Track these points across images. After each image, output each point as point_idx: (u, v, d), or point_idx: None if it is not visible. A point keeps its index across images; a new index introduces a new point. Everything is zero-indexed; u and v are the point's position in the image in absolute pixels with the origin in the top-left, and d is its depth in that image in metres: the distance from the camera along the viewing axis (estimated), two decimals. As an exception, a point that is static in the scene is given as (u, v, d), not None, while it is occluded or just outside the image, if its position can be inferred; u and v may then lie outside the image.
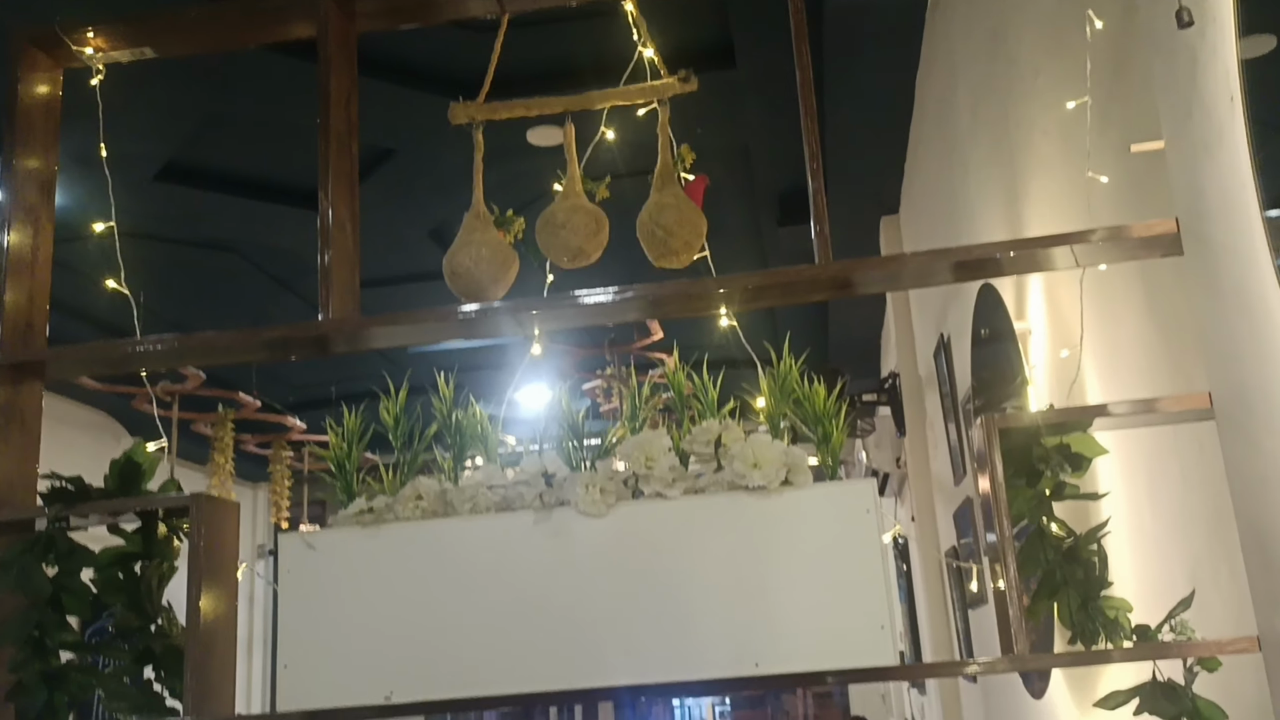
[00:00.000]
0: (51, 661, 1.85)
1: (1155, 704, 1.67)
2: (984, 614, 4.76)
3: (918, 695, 7.57)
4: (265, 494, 9.85)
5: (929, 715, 6.86)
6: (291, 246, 5.97)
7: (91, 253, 2.51)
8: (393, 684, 1.70)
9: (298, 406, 7.85)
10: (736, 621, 1.66)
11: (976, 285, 3.74)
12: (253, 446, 7.60)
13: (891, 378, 6.54)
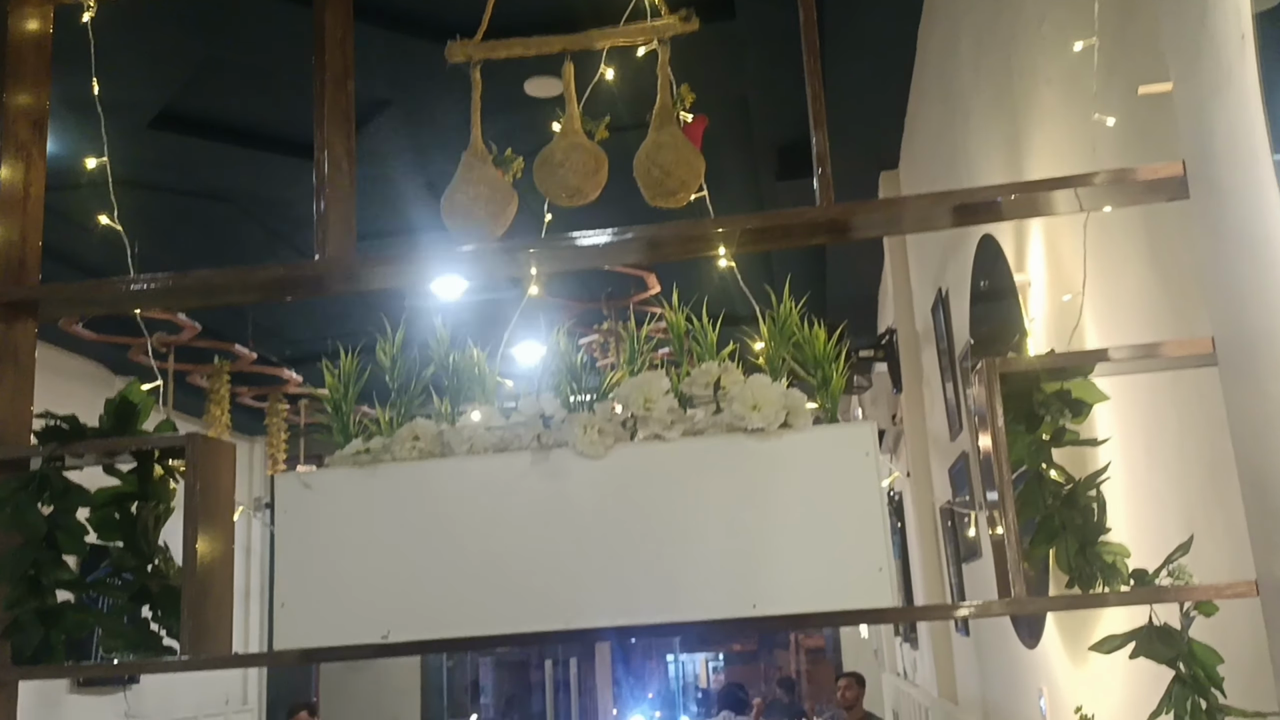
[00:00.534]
0: (47, 600, 1.84)
1: (1151, 648, 1.67)
2: (978, 568, 4.78)
3: (910, 650, 7.63)
4: (261, 447, 9.85)
5: (922, 669, 6.92)
6: (289, 198, 5.93)
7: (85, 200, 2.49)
8: (390, 623, 1.70)
9: (294, 360, 7.83)
10: (734, 563, 1.65)
11: (976, 237, 3.72)
12: (249, 399, 7.59)
13: (888, 334, 6.54)
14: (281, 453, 7.51)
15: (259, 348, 6.91)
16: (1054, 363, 1.74)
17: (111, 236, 2.17)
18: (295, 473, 1.77)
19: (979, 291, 3.86)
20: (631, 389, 1.73)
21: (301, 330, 8.18)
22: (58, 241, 5.84)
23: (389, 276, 1.98)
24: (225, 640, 1.87)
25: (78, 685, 7.12)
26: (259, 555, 10.10)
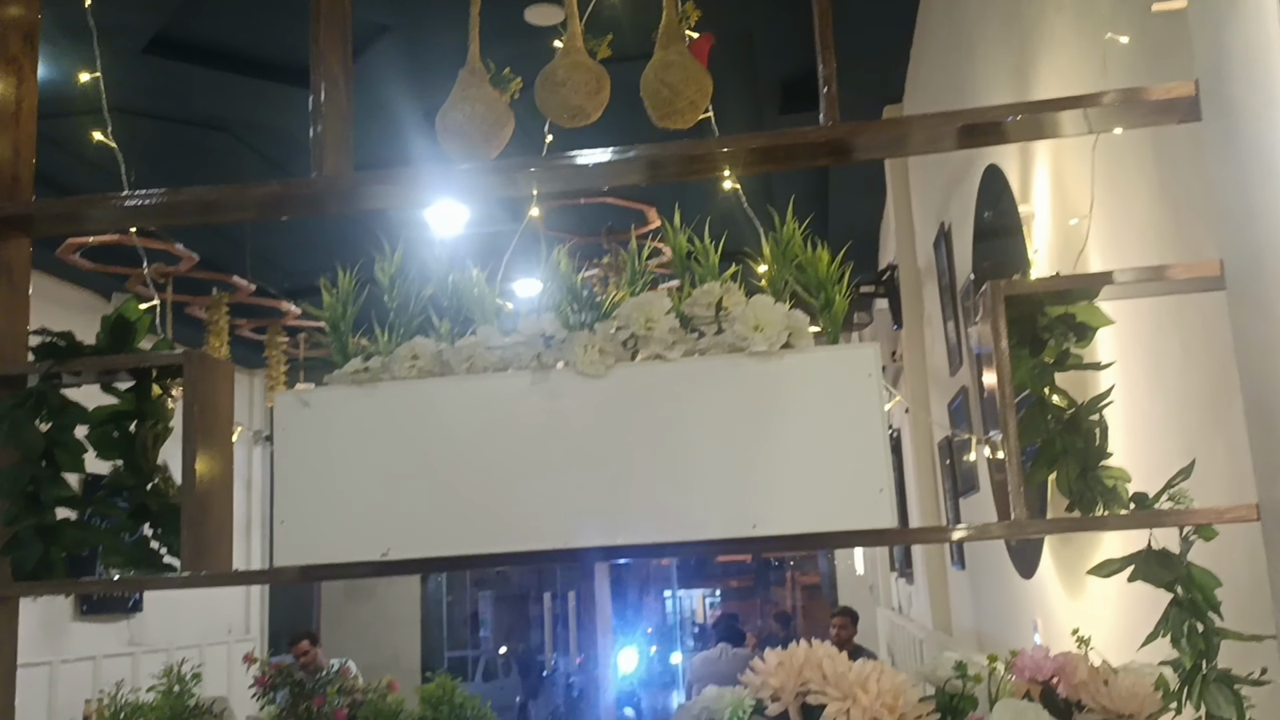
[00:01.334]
0: (47, 517, 1.84)
1: (1149, 571, 1.68)
2: (975, 502, 4.80)
3: (905, 584, 7.70)
4: (261, 380, 9.86)
5: (916, 603, 6.99)
6: (286, 126, 5.86)
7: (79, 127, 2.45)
8: (389, 541, 1.70)
9: (293, 293, 7.80)
10: (734, 484, 1.65)
11: (980, 169, 3.69)
12: (248, 331, 7.57)
13: (889, 270, 6.51)
14: (281, 385, 7.51)
15: (257, 280, 6.88)
16: (1059, 285, 1.72)
17: (106, 164, 2.14)
18: (294, 391, 1.76)
19: (982, 224, 3.83)
20: (633, 308, 1.71)
21: (300, 263, 8.14)
22: (52, 170, 5.79)
23: (386, 196, 1.96)
24: (225, 558, 1.87)
25: (81, 613, 7.20)
26: (259, 488, 10.15)
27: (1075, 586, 3.02)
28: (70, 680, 6.89)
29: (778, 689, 1.66)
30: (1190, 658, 1.63)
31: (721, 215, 2.00)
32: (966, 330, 4.63)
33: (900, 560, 7.80)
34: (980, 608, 4.93)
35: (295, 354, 8.05)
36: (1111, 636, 2.51)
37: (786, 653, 1.69)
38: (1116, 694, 1.56)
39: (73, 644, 7.05)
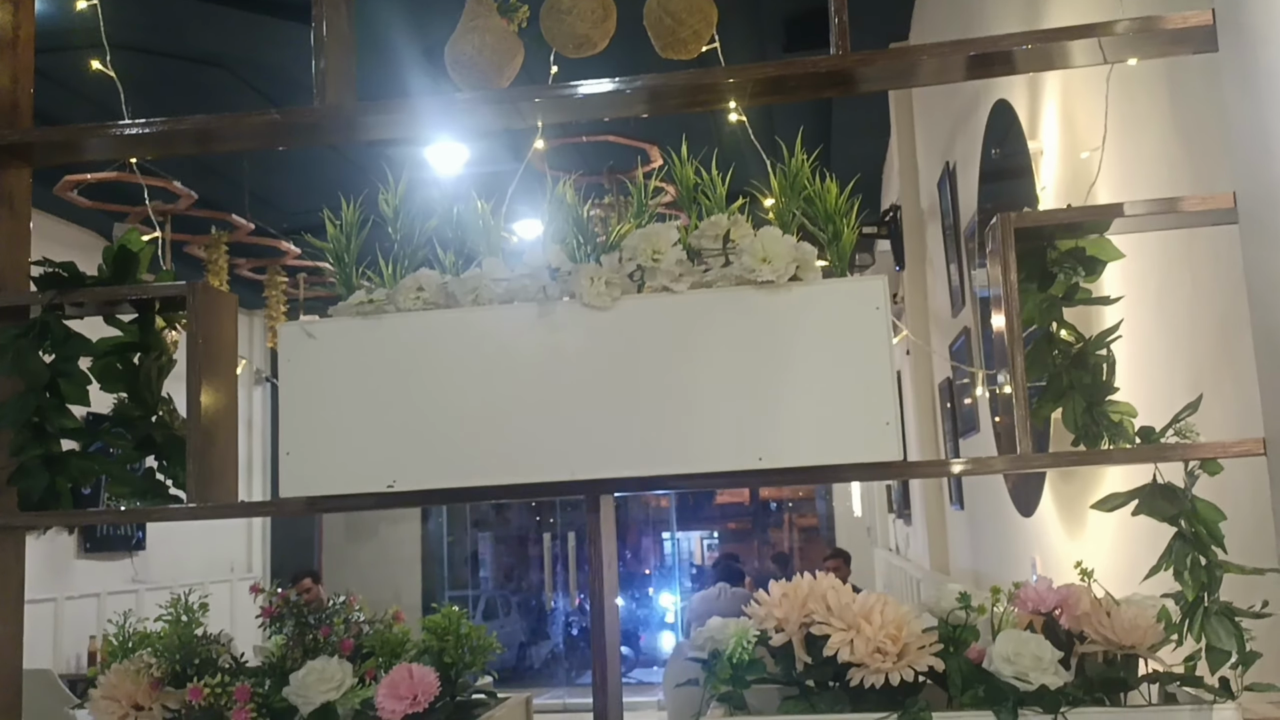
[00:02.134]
0: (52, 447, 1.84)
1: (1153, 505, 1.68)
2: (975, 443, 4.82)
3: (903, 525, 7.75)
4: (261, 321, 9.85)
5: (914, 544, 7.04)
6: (282, 63, 5.79)
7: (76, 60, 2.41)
8: (394, 473, 1.70)
9: (292, 233, 7.76)
10: (740, 416, 1.64)
11: (989, 104, 3.65)
12: (247, 271, 7.55)
13: (892, 211, 6.47)
14: (282, 325, 7.49)
15: (256, 220, 6.84)
16: (1070, 217, 1.71)
17: (103, 99, 2.11)
18: (299, 322, 1.75)
19: (989, 161, 3.80)
20: (639, 240, 1.70)
21: (299, 203, 8.08)
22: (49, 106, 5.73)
23: (388, 126, 1.93)
24: (231, 490, 1.88)
25: (85, 551, 7.25)
26: (261, 429, 10.17)
27: (1075, 525, 3.04)
28: (75, 616, 6.96)
29: (782, 620, 1.67)
30: (1192, 591, 1.64)
31: (725, 156, 1.97)
32: (969, 272, 4.61)
33: (898, 501, 7.85)
34: (978, 547, 4.96)
35: (295, 294, 8.03)
36: (1110, 574, 2.52)
37: (791, 585, 1.70)
38: (1118, 625, 1.57)
39: (77, 581, 7.11)
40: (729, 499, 21.77)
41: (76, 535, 7.24)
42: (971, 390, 4.82)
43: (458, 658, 1.76)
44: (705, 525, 21.45)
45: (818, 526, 16.84)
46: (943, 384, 5.62)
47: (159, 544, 7.84)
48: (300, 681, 1.69)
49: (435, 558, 12.87)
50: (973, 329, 4.49)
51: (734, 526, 21.97)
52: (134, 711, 1.68)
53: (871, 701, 1.58)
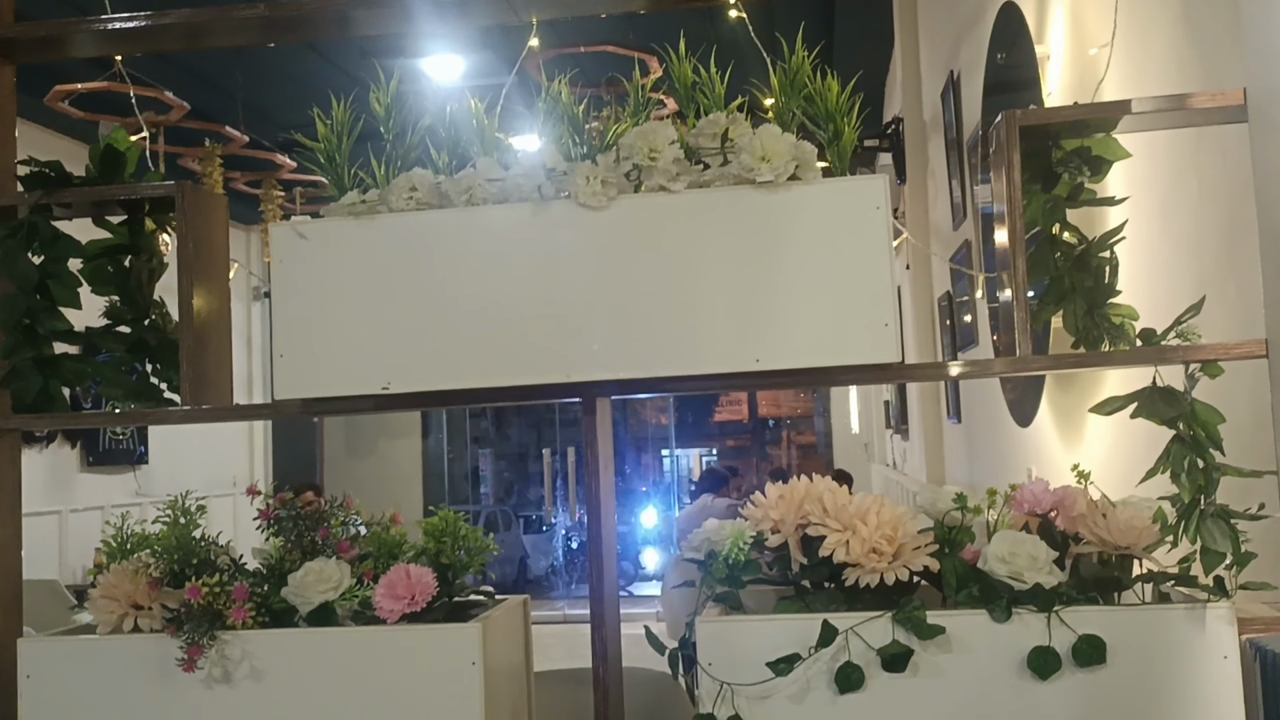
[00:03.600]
0: (44, 349, 1.83)
1: (1153, 408, 1.67)
2: (973, 356, 4.81)
3: (900, 441, 7.79)
4: (257, 237, 9.79)
5: (911, 458, 7.08)
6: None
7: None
8: (390, 374, 1.69)
9: (286, 147, 7.66)
10: (738, 317, 1.63)
11: (995, 8, 3.57)
12: (242, 185, 7.47)
13: (894, 123, 6.39)
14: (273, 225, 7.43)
15: (251, 134, 6.75)
16: (1076, 115, 1.67)
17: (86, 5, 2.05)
18: (290, 223, 1.72)
19: (995, 68, 3.73)
20: (636, 138, 1.66)
21: (293, 116, 7.96)
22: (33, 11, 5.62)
23: (379, 21, 1.88)
24: (226, 394, 1.87)
25: (88, 464, 7.30)
26: (260, 344, 10.17)
27: (1072, 434, 3.04)
28: (79, 529, 7.03)
29: (778, 521, 1.67)
30: (1189, 493, 1.64)
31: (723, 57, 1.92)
32: (972, 185, 4.56)
33: (896, 417, 7.88)
34: (974, 460, 4.99)
35: (291, 209, 7.96)
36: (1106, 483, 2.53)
37: (787, 486, 1.70)
38: (1114, 526, 1.58)
39: (81, 494, 7.16)
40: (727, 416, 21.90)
41: (79, 449, 7.28)
42: (971, 306, 4.80)
43: (454, 559, 1.77)
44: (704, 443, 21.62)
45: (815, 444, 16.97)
46: (941, 298, 5.60)
47: (161, 458, 7.89)
48: (299, 582, 1.70)
49: (435, 474, 12.98)
50: (974, 241, 4.46)
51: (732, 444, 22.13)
52: (133, 611, 1.69)
53: (866, 601, 1.59)
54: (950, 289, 5.26)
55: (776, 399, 21.26)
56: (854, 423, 11.27)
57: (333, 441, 11.69)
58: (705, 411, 21.46)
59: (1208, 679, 1.50)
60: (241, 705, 1.64)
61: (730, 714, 1.57)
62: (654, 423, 19.95)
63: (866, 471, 10.21)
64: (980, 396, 4.53)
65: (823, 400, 15.05)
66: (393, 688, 1.63)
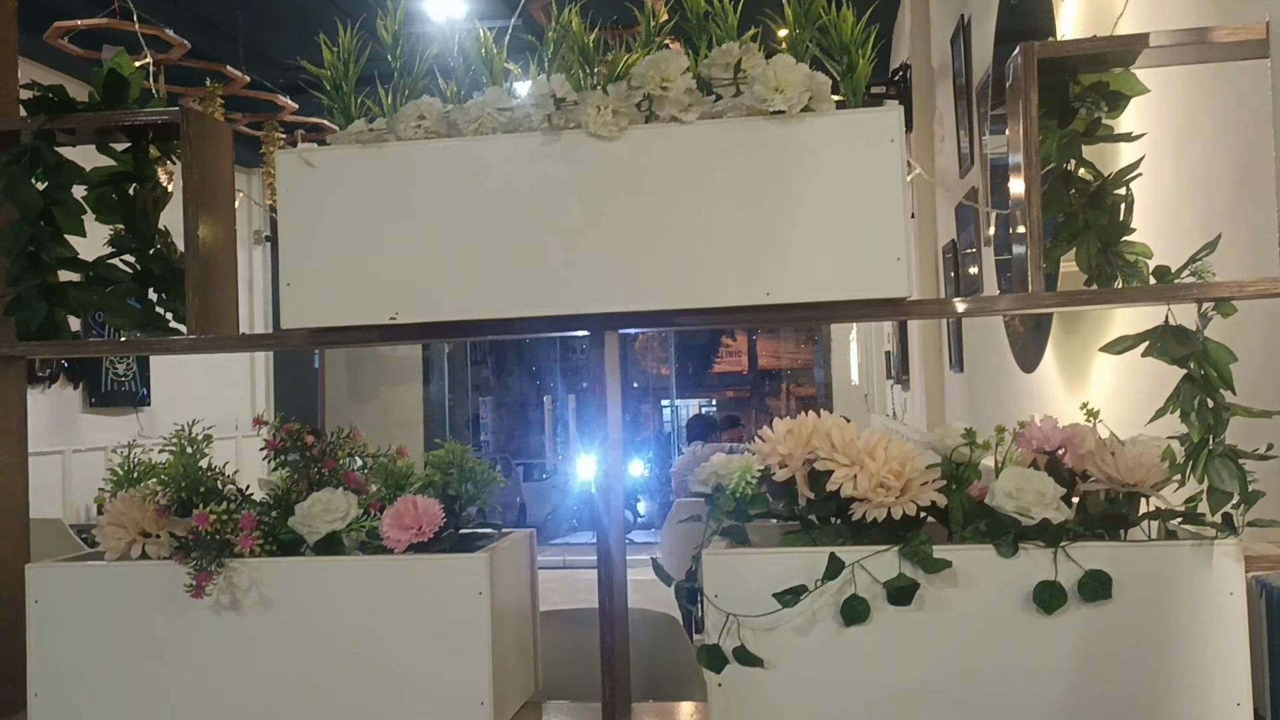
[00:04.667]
0: (49, 277, 1.82)
1: (1165, 346, 1.66)
2: (979, 305, 4.79)
3: (901, 391, 7.80)
4: (259, 179, 9.73)
5: (911, 408, 7.09)
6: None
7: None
8: (397, 305, 1.68)
9: (288, 89, 7.59)
10: (749, 250, 1.62)
11: (1010, -51, 3.51)
12: (244, 126, 7.41)
13: (902, 70, 6.32)
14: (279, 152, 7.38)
15: (252, 75, 6.68)
16: (1095, 48, 1.65)
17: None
18: (297, 150, 1.70)
19: (1007, 11, 3.68)
20: (647, 67, 1.64)
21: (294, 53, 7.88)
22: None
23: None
24: (231, 324, 1.86)
25: (90, 405, 7.31)
26: (262, 289, 10.15)
27: (1076, 381, 3.04)
28: (82, 469, 7.05)
29: (786, 456, 1.67)
30: (1198, 432, 1.63)
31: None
32: (981, 133, 4.52)
33: (897, 367, 7.88)
34: (975, 409, 4.99)
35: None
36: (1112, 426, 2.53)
37: (795, 421, 1.70)
38: (1122, 463, 1.57)
39: (84, 435, 7.18)
40: (727, 368, 21.94)
41: (82, 390, 7.29)
42: (976, 257, 4.78)
43: (461, 491, 1.77)
44: (704, 394, 21.68)
45: (815, 395, 16.98)
46: (946, 248, 5.58)
47: (163, 400, 7.90)
48: (306, 512, 1.70)
49: (436, 420, 13.01)
50: (981, 189, 4.43)
51: (732, 394, 22.19)
52: (141, 538, 1.70)
53: (872, 536, 1.60)
54: (955, 238, 5.24)
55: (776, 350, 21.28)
56: (854, 374, 11.28)
57: (334, 387, 11.71)
58: (705, 362, 21.51)
59: (1213, 615, 1.50)
60: (249, 632, 1.65)
61: (735, 645, 1.58)
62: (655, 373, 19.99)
63: (866, 422, 10.23)
64: (984, 344, 4.53)
65: (823, 351, 15.05)
66: (400, 617, 1.64)
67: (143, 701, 1.67)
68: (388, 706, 1.64)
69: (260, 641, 1.65)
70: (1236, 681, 1.49)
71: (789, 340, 20.55)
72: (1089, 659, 1.52)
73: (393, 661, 1.63)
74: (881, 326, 9.19)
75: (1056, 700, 1.53)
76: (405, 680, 1.63)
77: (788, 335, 20.00)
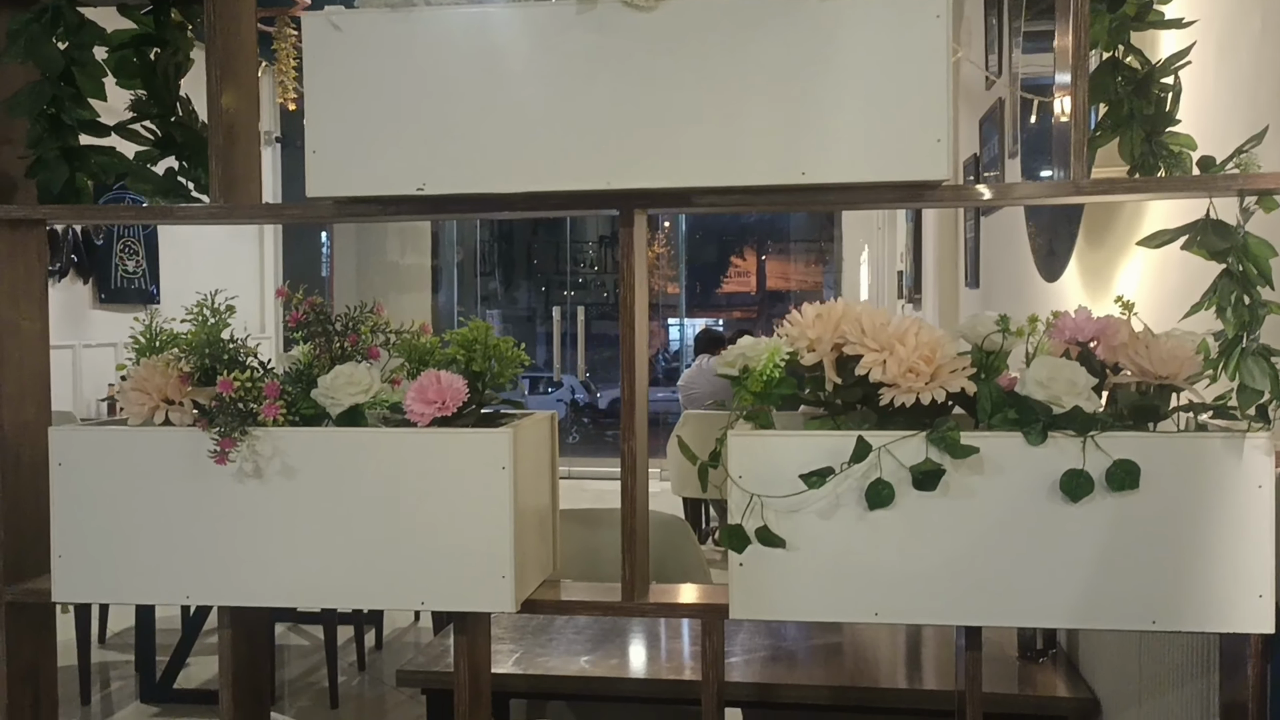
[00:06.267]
0: (69, 140, 1.79)
1: (1205, 239, 1.63)
2: (994, 223, 4.75)
3: (912, 310, 7.77)
4: (270, 76, 9.59)
5: (924, 327, 7.05)
6: None
7: None
8: (424, 175, 1.65)
9: (301, -17, 7.43)
10: (785, 127, 1.58)
11: None
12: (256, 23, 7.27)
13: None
14: (292, 79, 7.29)
15: (264, -35, 6.55)
16: (1152, -74, 1.59)
17: None
18: (323, 12, 1.66)
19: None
20: (688, -67, 1.59)
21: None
22: None
23: None
24: (255, 194, 1.83)
25: (100, 301, 7.30)
26: (272, 194, 10.04)
27: (1100, 292, 3.01)
28: (93, 365, 7.07)
29: (814, 340, 1.65)
30: (1233, 328, 1.61)
31: None
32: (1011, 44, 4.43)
33: (909, 285, 7.84)
34: (991, 326, 4.96)
35: (305, 50, 7.77)
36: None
37: (825, 305, 1.68)
38: (1156, 356, 1.55)
39: (93, 331, 7.18)
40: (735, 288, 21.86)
41: (92, 286, 7.27)
42: (999, 171, 4.71)
43: (485, 368, 1.76)
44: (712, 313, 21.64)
45: (823, 315, 16.91)
46: (968, 161, 5.50)
47: (172, 298, 7.88)
48: (329, 385, 1.69)
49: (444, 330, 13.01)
50: (1006, 100, 4.35)
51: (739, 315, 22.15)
52: (164, 405, 1.69)
53: (898, 423, 1.59)
54: (978, 152, 5.16)
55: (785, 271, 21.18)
56: (864, 291, 11.23)
57: (343, 295, 11.68)
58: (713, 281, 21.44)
59: (1240, 508, 1.50)
60: (272, 500, 1.65)
61: (758, 525, 1.58)
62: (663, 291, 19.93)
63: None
64: (1003, 256, 4.48)
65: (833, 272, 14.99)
66: (423, 490, 1.64)
67: (165, 564, 1.68)
68: (408, 579, 1.64)
69: (282, 509, 1.65)
70: (1260, 573, 1.49)
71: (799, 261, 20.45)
72: (1112, 549, 1.52)
73: (414, 534, 1.64)
74: (894, 245, 9.13)
75: (1077, 589, 1.53)
76: (427, 553, 1.64)
77: (798, 256, 19.90)
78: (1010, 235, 4.21)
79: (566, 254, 16.47)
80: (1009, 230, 4.26)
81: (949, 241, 5.97)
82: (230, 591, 1.68)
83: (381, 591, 1.66)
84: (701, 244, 18.45)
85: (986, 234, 4.99)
